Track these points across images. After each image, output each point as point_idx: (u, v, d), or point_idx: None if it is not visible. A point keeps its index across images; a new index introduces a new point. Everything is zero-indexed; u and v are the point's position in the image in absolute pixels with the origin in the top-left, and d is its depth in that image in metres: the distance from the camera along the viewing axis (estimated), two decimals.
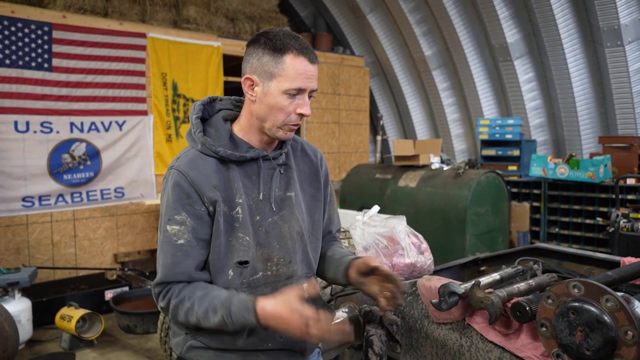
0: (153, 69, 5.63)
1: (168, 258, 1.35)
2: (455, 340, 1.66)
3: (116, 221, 5.58)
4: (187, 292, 1.34)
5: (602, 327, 1.24)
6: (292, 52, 1.36)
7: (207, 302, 1.31)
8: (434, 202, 5.26)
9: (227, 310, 1.28)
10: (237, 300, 1.29)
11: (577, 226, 5.86)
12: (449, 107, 7.80)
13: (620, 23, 5.52)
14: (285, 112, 1.38)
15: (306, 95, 1.40)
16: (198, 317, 1.32)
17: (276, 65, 1.36)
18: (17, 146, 4.81)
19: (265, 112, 1.39)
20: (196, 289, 1.34)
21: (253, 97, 1.41)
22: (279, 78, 1.36)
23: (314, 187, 1.59)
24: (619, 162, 5.70)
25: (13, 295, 3.94)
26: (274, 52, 1.36)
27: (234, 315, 1.27)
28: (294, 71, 1.35)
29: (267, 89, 1.38)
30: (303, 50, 1.37)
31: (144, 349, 4.13)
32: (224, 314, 1.28)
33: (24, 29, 4.77)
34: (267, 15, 7.27)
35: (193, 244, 1.35)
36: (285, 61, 1.35)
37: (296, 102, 1.39)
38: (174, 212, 1.35)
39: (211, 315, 1.30)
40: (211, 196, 1.37)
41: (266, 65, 1.37)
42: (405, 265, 2.04)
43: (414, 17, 7.41)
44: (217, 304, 1.30)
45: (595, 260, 2.14)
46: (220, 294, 1.32)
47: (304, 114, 1.39)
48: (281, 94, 1.37)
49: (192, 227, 1.35)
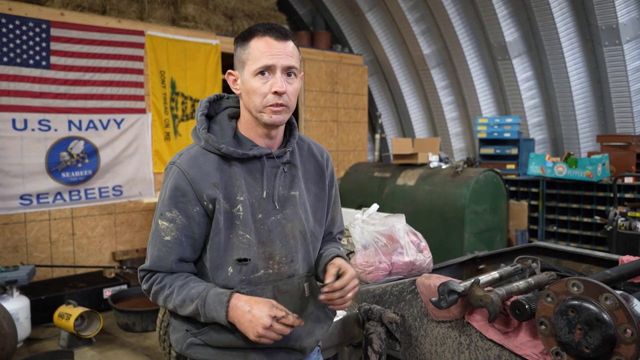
0: (151, 66, 5.62)
1: (155, 251, 1.42)
2: (454, 338, 1.67)
3: (114, 219, 5.57)
4: (168, 280, 1.41)
5: (601, 325, 1.25)
6: (256, 35, 1.39)
7: (185, 292, 1.37)
8: (432, 201, 5.26)
9: (202, 301, 1.35)
10: (213, 292, 1.35)
11: (575, 225, 5.88)
12: (447, 106, 7.81)
13: (618, 22, 5.53)
14: (259, 93, 1.39)
15: (278, 73, 1.39)
16: (175, 304, 1.39)
17: (244, 52, 1.41)
18: (15, 144, 4.80)
19: (247, 100, 1.42)
20: (177, 279, 1.41)
21: (238, 90, 1.46)
22: (248, 63, 1.40)
23: (319, 187, 1.58)
24: (616, 161, 5.71)
25: (11, 293, 3.93)
26: (242, 42, 1.42)
27: (207, 307, 1.34)
28: (257, 51, 1.38)
29: (243, 77, 1.42)
30: (267, 31, 1.39)
31: (143, 347, 4.13)
32: (198, 304, 1.35)
33: (21, 26, 4.76)
34: (266, 13, 7.26)
35: (179, 242, 1.40)
36: (250, 45, 1.40)
37: (270, 82, 1.39)
38: (167, 208, 1.40)
39: (187, 304, 1.37)
40: (210, 194, 1.38)
41: (239, 56, 1.43)
42: (405, 263, 2.05)
43: (413, 16, 7.41)
44: (194, 294, 1.36)
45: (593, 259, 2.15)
46: (199, 285, 1.39)
47: (277, 91, 1.38)
48: (252, 77, 1.39)
49: (182, 225, 1.39)
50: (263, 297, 1.43)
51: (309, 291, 1.52)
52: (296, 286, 1.48)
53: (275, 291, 1.45)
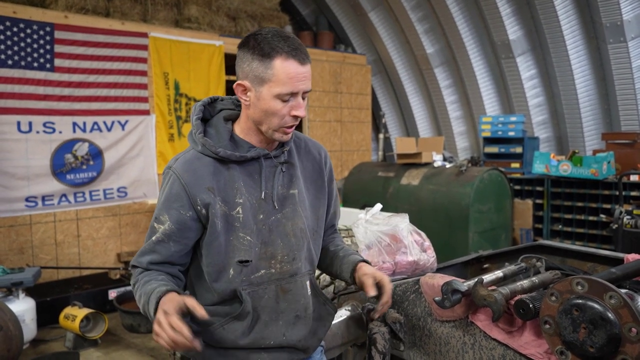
0: (155, 68, 5.63)
1: (144, 247, 1.44)
2: (458, 337, 1.66)
3: (119, 221, 5.59)
4: (141, 276, 1.42)
5: (605, 324, 1.24)
6: (281, 56, 1.33)
7: (143, 289, 1.37)
8: (436, 200, 5.25)
9: (147, 297, 1.32)
10: (157, 292, 1.31)
11: (580, 223, 5.85)
12: (451, 105, 7.79)
13: (623, 19, 5.50)
14: (279, 115, 1.37)
15: (299, 97, 1.38)
16: (138, 299, 1.39)
17: (266, 71, 1.34)
18: (20, 146, 4.83)
19: (260, 116, 1.39)
20: (146, 276, 1.41)
21: (247, 102, 1.41)
22: (270, 83, 1.34)
23: (318, 184, 1.59)
24: (622, 159, 5.68)
25: (17, 295, 3.95)
26: (263, 57, 1.34)
27: (149, 305, 1.30)
28: (285, 75, 1.33)
29: (260, 94, 1.36)
30: (292, 53, 1.34)
31: (148, 348, 4.14)
32: (145, 300, 1.33)
33: (26, 29, 4.78)
34: (269, 13, 7.27)
35: (163, 244, 1.41)
36: (275, 66, 1.33)
37: (290, 105, 1.37)
38: (160, 212, 1.42)
39: (142, 302, 1.36)
40: (204, 198, 1.38)
41: (256, 71, 1.35)
42: (408, 263, 2.04)
43: (416, 15, 7.40)
44: (148, 291, 1.34)
45: (598, 257, 2.14)
46: (153, 284, 1.35)
47: (298, 115, 1.38)
48: (274, 98, 1.35)
49: (169, 231, 1.40)
50: (265, 296, 1.43)
51: (310, 289, 1.52)
52: (299, 285, 1.49)
53: (278, 290, 1.45)
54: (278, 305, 1.45)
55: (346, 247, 1.68)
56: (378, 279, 1.50)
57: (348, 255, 1.61)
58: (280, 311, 1.45)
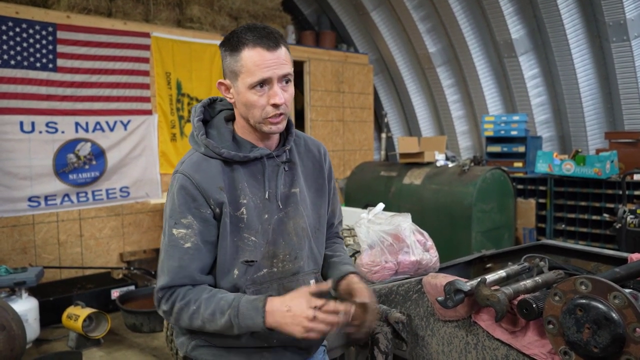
0: (157, 68, 5.64)
1: (175, 261, 1.34)
2: (461, 337, 1.66)
3: (122, 220, 5.59)
4: (192, 295, 1.34)
5: (609, 324, 1.23)
6: (247, 46, 1.34)
7: (214, 304, 1.31)
8: (439, 200, 5.24)
9: (235, 311, 1.28)
10: (245, 300, 1.30)
11: (583, 223, 5.83)
12: (453, 104, 7.77)
13: (626, 18, 5.48)
14: (258, 106, 1.37)
15: (275, 84, 1.36)
16: (204, 319, 1.31)
17: (236, 64, 1.36)
18: (23, 146, 4.83)
19: (244, 111, 1.40)
20: (202, 292, 1.35)
21: (232, 99, 1.42)
22: (241, 75, 1.36)
23: (319, 182, 1.59)
24: (625, 158, 5.66)
25: (20, 294, 3.96)
26: (232, 52, 1.36)
27: (242, 316, 1.28)
28: (252, 64, 1.34)
29: (237, 88, 1.38)
30: (257, 41, 1.34)
31: (151, 347, 4.14)
32: (231, 314, 1.28)
33: (28, 29, 4.79)
34: (271, 13, 7.26)
35: (200, 247, 1.36)
36: (243, 57, 1.35)
37: (267, 94, 1.36)
38: (181, 215, 1.36)
39: (218, 317, 1.30)
40: (217, 198, 1.37)
41: (230, 66, 1.38)
42: (411, 262, 2.04)
43: (418, 14, 7.39)
44: (225, 305, 1.30)
45: (602, 257, 2.12)
46: (228, 296, 1.33)
47: (276, 103, 1.36)
48: (248, 90, 1.36)
49: (199, 230, 1.36)
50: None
51: None
52: (301, 283, 1.48)
53: (280, 289, 1.45)
54: None
55: (344, 257, 1.62)
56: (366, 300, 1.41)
57: (342, 263, 1.57)
58: None
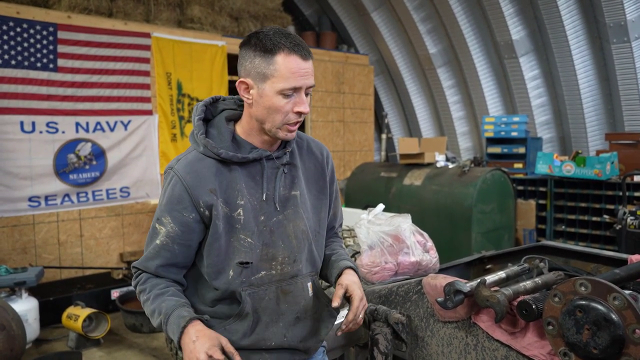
0: (158, 68, 5.64)
1: (148, 250, 1.44)
2: (461, 338, 1.66)
3: (122, 221, 5.59)
4: (149, 285, 1.42)
5: (609, 326, 1.23)
6: (283, 51, 1.33)
7: (157, 304, 1.38)
8: (439, 200, 5.24)
9: (166, 319, 1.35)
10: (176, 314, 1.34)
11: (583, 224, 5.83)
12: (454, 105, 7.78)
13: (626, 19, 5.48)
14: (282, 112, 1.36)
15: (302, 93, 1.38)
16: (148, 312, 1.41)
17: (268, 66, 1.34)
18: (23, 146, 4.84)
19: (263, 113, 1.38)
20: (157, 286, 1.42)
21: (250, 100, 1.40)
22: (272, 79, 1.34)
23: (320, 185, 1.58)
24: (625, 159, 5.66)
25: (20, 294, 3.96)
26: (265, 53, 1.34)
27: (169, 325, 1.34)
28: (287, 70, 1.33)
29: (262, 90, 1.36)
30: (294, 48, 1.34)
31: (150, 347, 4.14)
32: (162, 320, 1.36)
33: (29, 29, 4.79)
34: (271, 14, 7.27)
35: (169, 248, 1.41)
36: (277, 61, 1.33)
37: (293, 101, 1.37)
38: (162, 213, 1.41)
39: (155, 316, 1.38)
40: (207, 200, 1.37)
41: (258, 67, 1.35)
42: (411, 263, 2.04)
43: (419, 15, 7.39)
44: (162, 309, 1.37)
45: (602, 258, 2.12)
46: (170, 300, 1.38)
47: (302, 112, 1.38)
48: (276, 94, 1.35)
49: (174, 234, 1.40)
50: (266, 297, 1.43)
51: (312, 290, 1.51)
52: (300, 286, 1.48)
53: (278, 292, 1.45)
54: (278, 306, 1.44)
55: (341, 252, 1.64)
56: (349, 292, 1.43)
57: (339, 260, 1.58)
58: (281, 312, 1.45)
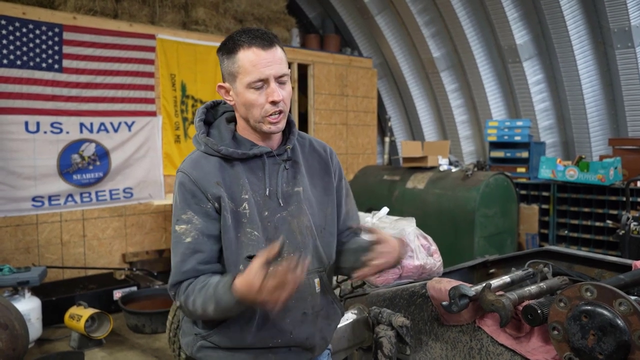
0: (162, 70, 5.65)
1: (178, 257, 1.39)
2: (465, 342, 1.66)
3: (125, 221, 5.60)
4: (191, 287, 1.36)
5: (615, 331, 1.23)
6: (242, 47, 1.39)
7: (204, 293, 1.32)
8: (442, 204, 5.24)
9: (219, 298, 1.28)
10: (222, 284, 1.29)
11: (586, 229, 5.82)
12: (457, 109, 7.77)
13: (630, 24, 5.48)
14: (257, 105, 1.40)
15: (272, 83, 1.40)
16: (203, 309, 1.32)
17: (233, 65, 1.41)
18: (28, 146, 4.85)
19: (243, 111, 1.44)
20: (198, 283, 1.36)
21: (232, 101, 1.47)
22: (239, 76, 1.40)
23: (325, 181, 1.59)
24: (629, 165, 5.65)
25: (23, 294, 3.97)
26: (230, 54, 1.41)
27: (222, 301, 1.27)
28: (249, 64, 1.38)
29: (236, 89, 1.43)
30: (252, 41, 1.39)
31: (152, 348, 4.15)
32: (215, 301, 1.28)
33: (35, 30, 4.81)
34: (275, 16, 7.29)
35: (200, 241, 1.38)
36: (239, 58, 1.39)
37: (265, 92, 1.40)
38: (181, 212, 1.40)
39: (209, 305, 1.30)
40: (214, 192, 1.40)
41: (227, 69, 1.43)
42: (415, 267, 2.04)
43: (423, 19, 7.40)
44: (211, 293, 1.30)
45: (606, 264, 2.12)
46: (212, 282, 1.32)
47: (275, 100, 1.40)
48: (247, 89, 1.40)
49: (199, 224, 1.39)
50: None
51: (319, 287, 1.51)
52: (306, 282, 1.48)
53: None
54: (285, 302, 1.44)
55: (358, 239, 1.60)
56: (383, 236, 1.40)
57: (359, 243, 1.55)
58: (287, 309, 1.44)
